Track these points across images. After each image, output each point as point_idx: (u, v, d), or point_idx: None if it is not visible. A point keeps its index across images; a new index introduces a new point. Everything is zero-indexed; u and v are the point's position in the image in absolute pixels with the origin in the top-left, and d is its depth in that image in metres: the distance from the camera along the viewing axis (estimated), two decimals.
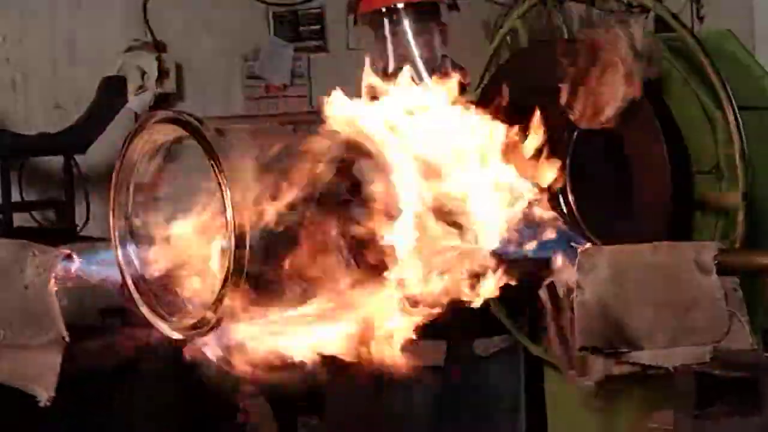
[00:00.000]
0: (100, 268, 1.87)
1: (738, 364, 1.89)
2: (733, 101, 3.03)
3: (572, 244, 1.96)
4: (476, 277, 1.85)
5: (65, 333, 1.88)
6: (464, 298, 1.85)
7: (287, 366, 1.81)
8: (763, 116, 3.27)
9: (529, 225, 1.88)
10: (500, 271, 1.85)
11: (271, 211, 1.71)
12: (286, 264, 1.75)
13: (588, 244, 1.97)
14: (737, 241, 2.98)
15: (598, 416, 3.51)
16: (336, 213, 1.80)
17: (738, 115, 3.02)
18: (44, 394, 1.89)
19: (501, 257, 1.85)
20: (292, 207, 1.74)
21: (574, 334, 1.96)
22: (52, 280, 1.86)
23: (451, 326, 3.15)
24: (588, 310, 1.92)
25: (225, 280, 1.68)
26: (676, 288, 1.92)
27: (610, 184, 3.33)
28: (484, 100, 2.01)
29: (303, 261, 1.77)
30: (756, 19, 4.97)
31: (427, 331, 1.86)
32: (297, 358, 1.79)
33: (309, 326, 1.78)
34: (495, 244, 1.84)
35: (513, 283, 1.87)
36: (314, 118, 1.86)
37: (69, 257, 1.89)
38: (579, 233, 2.03)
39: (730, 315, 1.88)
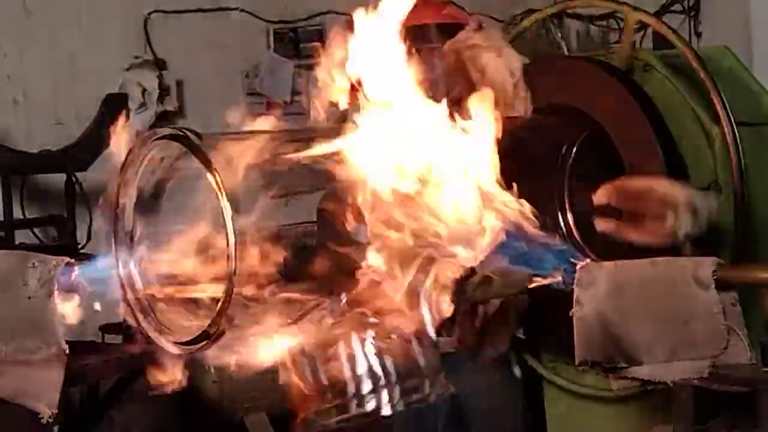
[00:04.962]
0: (100, 278, 1.87)
1: (736, 378, 1.90)
2: (731, 117, 3.04)
3: (571, 260, 1.97)
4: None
5: (65, 346, 1.88)
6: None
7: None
8: (761, 132, 3.29)
9: (527, 241, 1.90)
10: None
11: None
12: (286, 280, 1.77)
13: (587, 260, 1.98)
14: (731, 255, 2.98)
15: None
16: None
17: (736, 131, 3.03)
18: (47, 411, 1.89)
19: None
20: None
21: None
22: (55, 292, 1.85)
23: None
24: (587, 325, 1.92)
25: (225, 296, 1.69)
26: (674, 303, 1.92)
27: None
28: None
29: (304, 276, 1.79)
30: (753, 36, 4.98)
31: None
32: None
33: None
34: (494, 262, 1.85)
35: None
36: (314, 134, 1.88)
37: (69, 265, 1.89)
38: (578, 250, 2.04)
39: (729, 330, 1.89)
